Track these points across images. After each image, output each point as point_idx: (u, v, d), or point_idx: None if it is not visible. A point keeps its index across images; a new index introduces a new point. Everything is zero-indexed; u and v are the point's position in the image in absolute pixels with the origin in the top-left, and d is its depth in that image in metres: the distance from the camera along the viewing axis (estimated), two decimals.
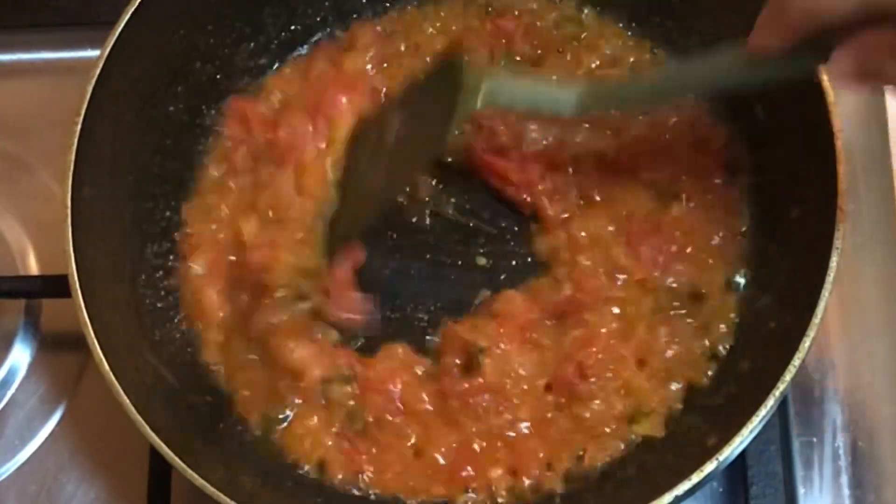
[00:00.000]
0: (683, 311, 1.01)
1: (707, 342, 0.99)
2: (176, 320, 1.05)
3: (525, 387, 1.00)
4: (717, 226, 1.03)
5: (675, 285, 1.01)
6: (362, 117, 1.07)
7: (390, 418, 1.00)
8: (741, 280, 1.01)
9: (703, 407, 0.96)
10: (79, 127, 0.97)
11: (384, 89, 1.10)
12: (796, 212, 0.97)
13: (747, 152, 1.03)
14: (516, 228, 1.07)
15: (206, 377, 1.04)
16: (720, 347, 0.99)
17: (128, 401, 0.90)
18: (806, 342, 0.86)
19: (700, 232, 1.03)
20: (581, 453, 0.97)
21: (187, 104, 1.08)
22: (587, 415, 0.98)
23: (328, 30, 1.14)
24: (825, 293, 0.87)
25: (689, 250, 1.02)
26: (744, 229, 1.02)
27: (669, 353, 0.99)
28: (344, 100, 1.07)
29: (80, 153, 0.96)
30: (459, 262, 1.07)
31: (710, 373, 0.98)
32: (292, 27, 1.13)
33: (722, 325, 1.00)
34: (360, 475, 0.99)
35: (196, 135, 1.10)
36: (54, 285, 1.04)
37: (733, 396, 0.94)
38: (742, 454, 0.91)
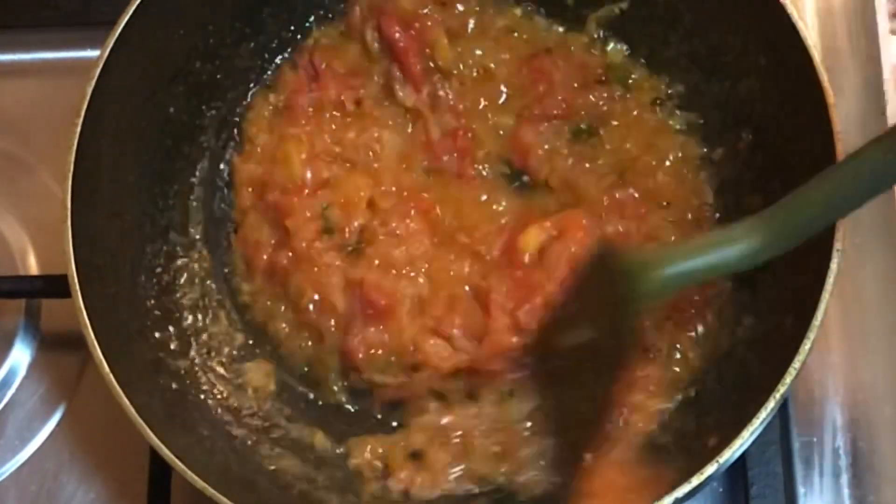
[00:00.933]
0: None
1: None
2: (176, 316, 1.05)
3: None
4: None
5: None
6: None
7: None
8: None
9: (704, 408, 0.97)
10: (79, 127, 0.97)
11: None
12: None
13: (748, 155, 1.03)
14: None
15: (207, 376, 1.04)
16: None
17: (128, 401, 0.91)
18: (806, 345, 0.86)
19: None
20: None
21: (187, 104, 1.08)
22: None
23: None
24: (825, 295, 0.87)
25: None
26: None
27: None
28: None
29: (80, 153, 0.96)
30: None
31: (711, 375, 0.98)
32: (292, 26, 1.13)
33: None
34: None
35: (196, 135, 1.10)
36: (54, 285, 1.04)
37: (734, 398, 0.94)
38: (742, 454, 0.91)
